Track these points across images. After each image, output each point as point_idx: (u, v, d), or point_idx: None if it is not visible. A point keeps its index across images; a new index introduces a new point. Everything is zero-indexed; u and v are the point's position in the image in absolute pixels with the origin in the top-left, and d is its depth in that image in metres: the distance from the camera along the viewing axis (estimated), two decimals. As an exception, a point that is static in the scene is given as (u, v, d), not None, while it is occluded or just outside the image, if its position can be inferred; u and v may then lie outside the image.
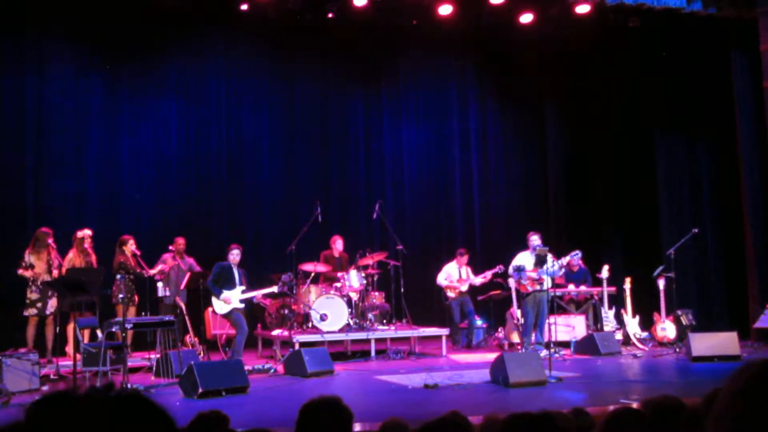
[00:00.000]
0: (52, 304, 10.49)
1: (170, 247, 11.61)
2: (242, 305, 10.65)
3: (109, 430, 1.14)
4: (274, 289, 10.99)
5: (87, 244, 10.88)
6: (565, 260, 11.58)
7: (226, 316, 10.57)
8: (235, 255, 10.70)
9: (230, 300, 10.47)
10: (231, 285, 10.54)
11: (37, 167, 12.48)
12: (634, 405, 5.23)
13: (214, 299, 10.52)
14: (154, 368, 9.66)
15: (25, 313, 10.51)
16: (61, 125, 12.74)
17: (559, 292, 12.47)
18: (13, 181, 12.24)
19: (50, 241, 10.57)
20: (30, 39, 12.54)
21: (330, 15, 13.28)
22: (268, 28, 13.75)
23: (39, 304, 10.46)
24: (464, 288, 12.92)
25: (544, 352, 10.06)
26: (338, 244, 12.67)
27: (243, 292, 10.61)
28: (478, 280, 12.96)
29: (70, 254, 10.81)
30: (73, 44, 12.89)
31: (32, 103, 12.53)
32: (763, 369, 1.40)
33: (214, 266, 10.68)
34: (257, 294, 11.06)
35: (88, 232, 11.01)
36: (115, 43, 13.03)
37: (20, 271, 10.44)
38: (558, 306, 12.03)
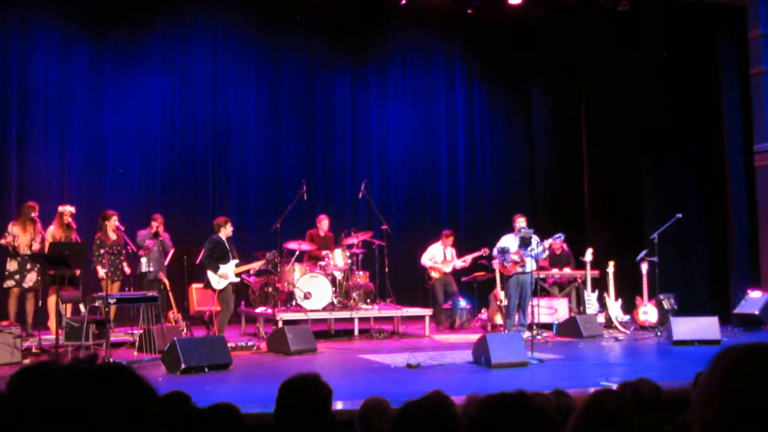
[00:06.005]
0: (31, 277, 10.40)
1: (155, 224, 11.40)
2: (238, 279, 10.61)
3: (92, 401, 1.14)
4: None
5: (69, 220, 10.79)
6: (547, 243, 11.59)
7: (222, 291, 10.40)
8: (230, 229, 10.63)
9: (228, 275, 10.41)
10: (226, 259, 10.45)
11: (20, 141, 12.36)
12: (615, 387, 5.28)
13: (210, 274, 10.33)
14: (136, 344, 9.64)
15: (5, 285, 10.44)
16: (46, 99, 12.59)
17: (542, 274, 12.52)
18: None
19: (34, 215, 10.49)
20: (16, 11, 12.38)
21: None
22: (257, 5, 13.64)
23: (17, 276, 10.36)
24: (448, 269, 12.94)
25: (526, 334, 10.12)
26: (324, 224, 12.63)
27: (236, 265, 10.55)
28: (459, 263, 12.99)
29: (51, 228, 10.72)
30: (60, 17, 12.73)
31: (17, 76, 12.38)
32: (740, 355, 1.40)
33: (208, 241, 10.51)
34: (251, 267, 11.02)
35: (70, 208, 10.89)
36: (101, 17, 12.91)
37: (2, 241, 10.37)
38: (541, 288, 12.08)
